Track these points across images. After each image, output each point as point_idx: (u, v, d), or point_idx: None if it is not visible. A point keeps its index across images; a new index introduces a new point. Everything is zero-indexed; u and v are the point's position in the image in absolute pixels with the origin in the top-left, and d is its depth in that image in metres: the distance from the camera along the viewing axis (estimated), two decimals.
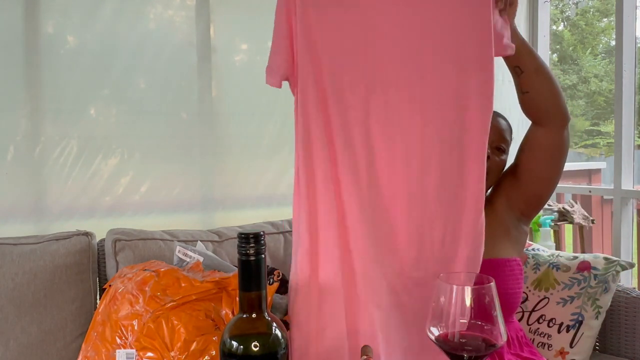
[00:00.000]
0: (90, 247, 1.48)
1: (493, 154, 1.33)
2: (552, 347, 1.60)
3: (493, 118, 1.37)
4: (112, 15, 1.72)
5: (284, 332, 0.76)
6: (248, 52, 1.99)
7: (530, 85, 1.20)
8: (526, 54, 1.17)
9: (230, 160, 1.95)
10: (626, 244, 2.29)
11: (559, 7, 10.32)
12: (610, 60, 11.42)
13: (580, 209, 2.69)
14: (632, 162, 2.29)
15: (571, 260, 1.70)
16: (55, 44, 1.66)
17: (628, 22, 2.25)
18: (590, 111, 11.83)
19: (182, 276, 1.15)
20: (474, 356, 0.74)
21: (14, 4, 1.59)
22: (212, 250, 1.54)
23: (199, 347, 1.04)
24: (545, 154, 1.26)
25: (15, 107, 1.60)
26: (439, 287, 0.76)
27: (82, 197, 1.70)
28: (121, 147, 1.76)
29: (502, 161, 1.36)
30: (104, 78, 1.73)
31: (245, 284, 0.75)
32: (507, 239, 1.33)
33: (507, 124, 1.39)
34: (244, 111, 1.96)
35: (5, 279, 1.34)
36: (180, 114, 1.88)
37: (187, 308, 1.09)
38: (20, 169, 1.62)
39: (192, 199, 1.90)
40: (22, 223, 1.62)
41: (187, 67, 1.87)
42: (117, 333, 1.11)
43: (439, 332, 0.75)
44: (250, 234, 0.73)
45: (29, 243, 1.41)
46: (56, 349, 1.37)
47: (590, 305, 1.61)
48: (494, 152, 1.33)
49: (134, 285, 1.16)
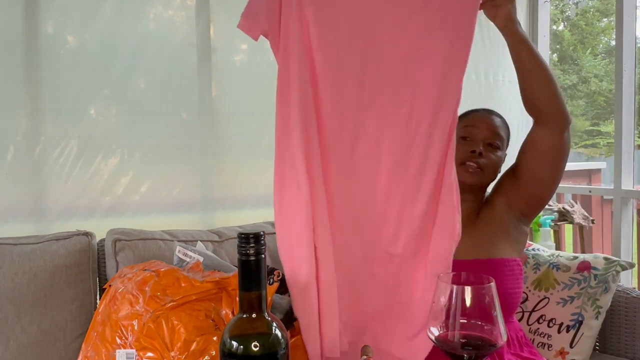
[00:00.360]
0: (90, 247, 1.48)
1: (486, 151, 1.33)
2: (552, 347, 1.60)
3: (485, 116, 1.38)
4: (112, 15, 1.72)
5: (284, 332, 0.76)
6: (248, 52, 1.99)
7: (525, 85, 1.20)
8: (525, 53, 1.17)
9: (230, 160, 1.96)
10: (626, 244, 2.29)
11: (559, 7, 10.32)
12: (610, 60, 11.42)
13: (580, 209, 2.69)
14: (632, 162, 2.30)
15: (571, 260, 1.70)
16: (55, 44, 1.66)
17: (628, 22, 2.25)
18: (590, 111, 11.83)
19: (182, 276, 1.15)
20: (474, 356, 0.74)
21: (14, 4, 1.59)
22: (212, 250, 1.54)
23: (199, 347, 1.04)
24: (545, 155, 1.26)
25: (15, 107, 1.60)
26: (439, 287, 0.76)
27: (82, 197, 1.70)
28: (121, 147, 1.76)
29: (498, 158, 1.36)
30: (104, 78, 1.73)
31: (245, 284, 0.74)
32: (506, 239, 1.33)
33: (501, 121, 1.39)
34: (244, 111, 1.96)
35: (5, 279, 1.34)
36: (180, 114, 1.88)
37: (187, 308, 1.09)
38: (20, 169, 1.62)
39: (192, 199, 1.90)
40: (22, 223, 1.62)
41: (187, 67, 1.87)
42: (117, 333, 1.11)
43: (439, 332, 0.75)
44: (250, 234, 0.73)
45: (29, 243, 1.41)
46: (56, 349, 1.36)
47: (590, 305, 1.61)
48: (487, 148, 1.34)
49: (134, 285, 1.16)
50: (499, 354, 1.27)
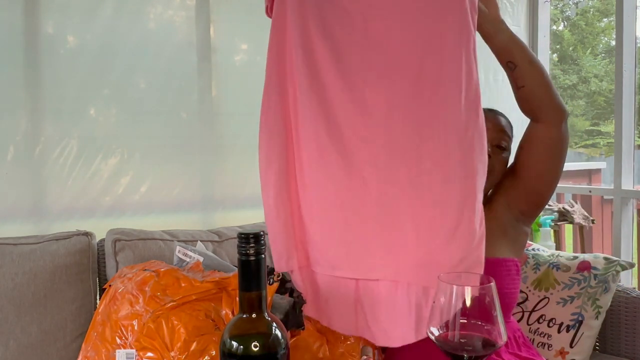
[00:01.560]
0: (90, 247, 1.48)
1: (494, 153, 1.32)
2: (552, 347, 1.60)
3: (492, 116, 1.37)
4: (112, 15, 1.72)
5: (284, 332, 0.76)
6: (248, 52, 1.99)
7: (525, 79, 1.19)
8: (517, 48, 1.17)
9: (230, 160, 1.95)
10: (626, 244, 2.29)
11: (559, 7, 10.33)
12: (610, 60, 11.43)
13: (580, 209, 2.69)
14: (632, 162, 2.30)
15: (571, 260, 1.70)
16: (55, 44, 1.66)
17: (628, 22, 2.25)
18: (590, 111, 11.84)
19: (182, 276, 1.15)
20: (474, 356, 0.74)
21: (14, 3, 1.59)
22: (212, 250, 1.54)
23: (199, 347, 1.04)
24: (544, 149, 1.26)
25: (15, 107, 1.61)
26: (439, 287, 0.77)
27: (82, 197, 1.70)
28: (121, 147, 1.76)
29: (504, 159, 1.35)
30: (104, 78, 1.73)
31: (245, 284, 0.75)
32: (504, 239, 1.32)
33: (506, 121, 1.39)
34: (244, 111, 1.96)
35: (5, 279, 1.34)
36: (180, 114, 1.88)
37: (187, 308, 1.09)
38: (20, 169, 1.62)
39: (192, 199, 1.90)
40: (22, 223, 1.62)
41: (187, 67, 1.87)
42: (117, 333, 1.11)
43: (439, 332, 0.75)
44: (250, 234, 0.73)
45: (29, 243, 1.41)
46: (56, 349, 1.37)
47: (590, 305, 1.61)
48: (495, 150, 1.32)
49: (134, 285, 1.16)
50: (497, 354, 1.27)
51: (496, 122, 1.34)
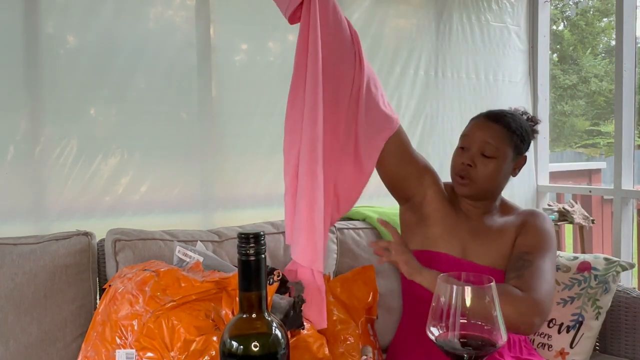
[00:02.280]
0: (90, 247, 1.48)
1: (480, 162, 1.35)
2: (552, 348, 1.60)
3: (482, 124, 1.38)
4: (112, 15, 1.72)
5: (284, 332, 0.76)
6: (248, 52, 1.99)
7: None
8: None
9: (230, 160, 1.95)
10: (626, 244, 2.29)
11: (559, 7, 10.33)
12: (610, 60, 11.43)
13: (581, 209, 2.69)
14: (632, 162, 2.30)
15: (571, 261, 1.70)
16: (55, 44, 1.66)
17: (628, 22, 2.25)
18: (590, 111, 11.84)
19: (182, 276, 1.15)
20: (474, 356, 0.74)
21: (14, 3, 1.59)
22: (212, 250, 1.54)
23: (199, 347, 1.04)
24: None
25: (15, 107, 1.60)
26: (439, 287, 0.76)
27: (82, 197, 1.70)
28: (121, 147, 1.75)
29: (493, 167, 1.35)
30: (104, 78, 1.73)
31: (245, 284, 0.74)
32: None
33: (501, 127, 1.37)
34: (244, 111, 1.96)
35: (5, 279, 1.34)
36: (180, 114, 1.88)
37: (187, 308, 1.09)
38: (20, 169, 1.61)
39: (192, 199, 1.90)
40: (22, 223, 1.61)
41: (187, 67, 1.87)
42: (117, 333, 1.11)
43: (438, 332, 0.75)
44: (250, 234, 0.73)
45: (29, 243, 1.41)
46: (56, 349, 1.36)
47: (590, 306, 1.61)
48: (480, 159, 1.36)
49: (134, 285, 1.16)
50: (501, 356, 1.27)
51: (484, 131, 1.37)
